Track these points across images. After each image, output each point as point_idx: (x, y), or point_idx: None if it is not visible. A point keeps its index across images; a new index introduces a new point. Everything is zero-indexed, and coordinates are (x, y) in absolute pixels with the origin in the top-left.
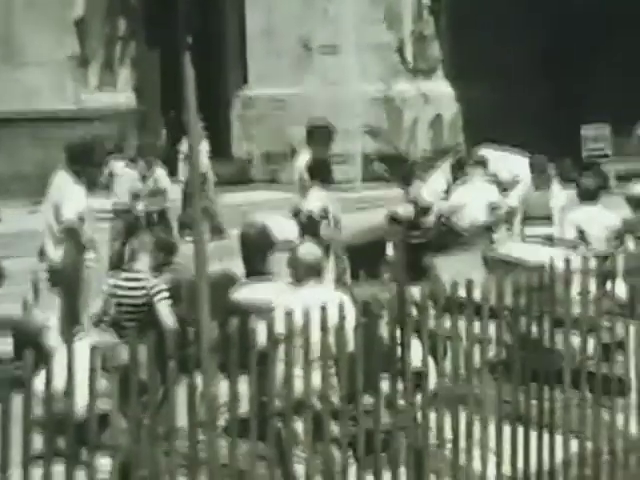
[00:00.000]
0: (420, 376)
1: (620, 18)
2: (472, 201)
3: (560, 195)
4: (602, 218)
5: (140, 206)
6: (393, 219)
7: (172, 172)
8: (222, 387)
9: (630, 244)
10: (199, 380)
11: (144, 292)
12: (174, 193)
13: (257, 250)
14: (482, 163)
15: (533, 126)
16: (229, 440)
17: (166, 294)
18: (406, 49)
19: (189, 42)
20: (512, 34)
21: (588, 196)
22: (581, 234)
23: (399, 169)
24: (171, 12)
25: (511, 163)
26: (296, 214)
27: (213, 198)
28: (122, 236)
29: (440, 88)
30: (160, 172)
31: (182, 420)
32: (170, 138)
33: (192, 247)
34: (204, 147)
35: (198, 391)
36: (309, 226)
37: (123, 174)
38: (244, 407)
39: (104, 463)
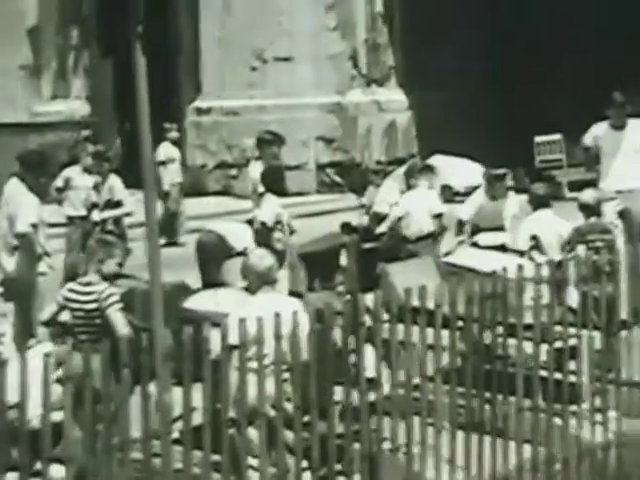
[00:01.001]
0: (374, 383)
1: (573, 28)
2: (416, 210)
3: (512, 203)
4: (555, 225)
5: (95, 215)
6: (347, 227)
7: (128, 181)
8: (176, 396)
9: (581, 251)
10: (153, 389)
11: (95, 298)
12: (130, 203)
13: (213, 258)
14: (426, 171)
15: (487, 135)
16: (183, 449)
17: (117, 300)
18: (360, 58)
19: (139, 31)
20: (465, 43)
21: (540, 204)
22: (535, 241)
23: (353, 177)
24: (124, 22)
25: (465, 171)
26: (250, 223)
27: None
28: (77, 246)
29: (394, 96)
30: (115, 181)
31: (136, 430)
32: (124, 147)
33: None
34: (176, 154)
35: (152, 400)
36: (262, 235)
37: (78, 184)
38: (198, 416)
39: (58, 473)
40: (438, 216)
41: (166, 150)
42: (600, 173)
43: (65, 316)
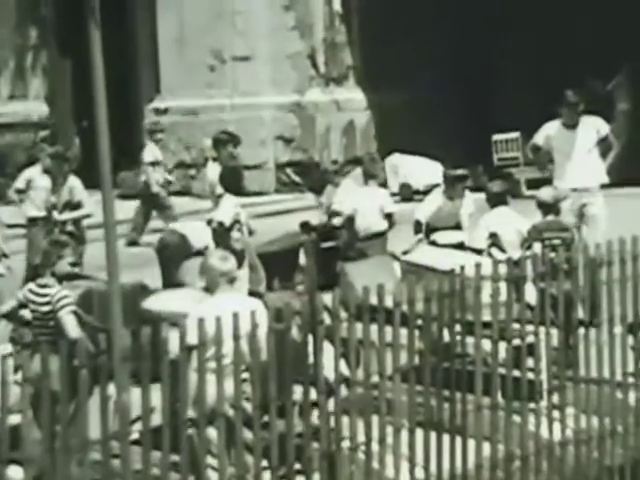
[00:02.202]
0: (333, 382)
1: (533, 25)
2: (366, 208)
3: (469, 202)
4: (514, 223)
5: (55, 216)
6: (306, 227)
7: (86, 182)
8: (134, 397)
9: (537, 248)
10: (112, 390)
11: (48, 301)
12: (89, 204)
13: (174, 258)
14: (370, 167)
15: (445, 133)
16: (142, 450)
17: (69, 303)
18: (318, 57)
19: (97, 31)
20: (423, 42)
21: (496, 201)
22: (494, 239)
23: (312, 177)
24: (82, 22)
25: (424, 170)
26: (208, 223)
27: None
28: (38, 247)
29: (352, 96)
30: (75, 182)
31: (95, 431)
32: (83, 147)
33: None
34: (160, 156)
35: (111, 401)
36: (220, 235)
37: (39, 184)
38: (157, 416)
39: (16, 475)
40: (388, 215)
41: (153, 151)
42: (554, 172)
43: (27, 314)
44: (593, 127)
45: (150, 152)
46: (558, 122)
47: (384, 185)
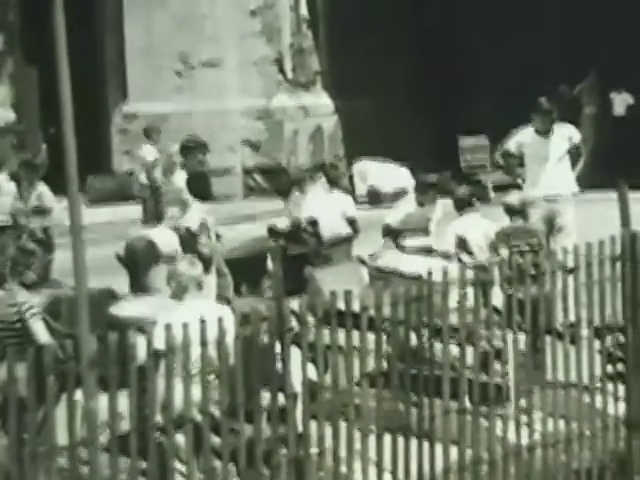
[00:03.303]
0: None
1: (498, 29)
2: (329, 214)
3: (438, 207)
4: (482, 227)
5: (23, 223)
6: (273, 232)
7: (53, 188)
8: (102, 403)
9: (504, 253)
10: (79, 396)
11: (17, 310)
12: (58, 210)
13: (143, 264)
14: (331, 174)
15: (413, 138)
16: (110, 456)
17: (37, 311)
18: (285, 62)
19: (64, 37)
20: (391, 46)
21: (463, 205)
22: (462, 243)
23: (279, 182)
24: (48, 28)
25: (391, 175)
26: (175, 229)
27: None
28: (5, 253)
29: (320, 101)
30: (43, 189)
31: (63, 437)
32: (50, 154)
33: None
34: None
35: (78, 407)
36: (188, 241)
37: (6, 191)
38: (125, 422)
39: None
40: (352, 222)
41: (151, 151)
42: (525, 179)
43: None
44: (566, 135)
45: (149, 152)
46: (531, 129)
47: (350, 191)
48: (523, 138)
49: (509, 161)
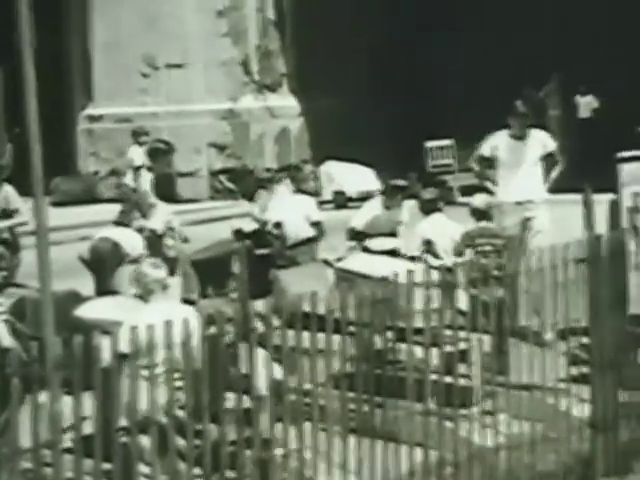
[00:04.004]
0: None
1: (465, 35)
2: (292, 216)
3: (404, 209)
4: (448, 229)
5: None
6: (239, 234)
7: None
8: (66, 405)
9: (469, 255)
10: (43, 398)
11: None
12: (25, 211)
13: (108, 265)
14: (295, 176)
15: (379, 140)
16: (74, 458)
17: (1, 312)
18: (251, 64)
19: (29, 38)
20: (357, 48)
21: (429, 208)
22: (428, 245)
23: (245, 184)
24: (14, 28)
25: (357, 177)
26: (140, 231)
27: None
28: None
29: (286, 103)
30: (9, 190)
31: (26, 439)
32: (15, 155)
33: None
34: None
35: (42, 409)
36: (153, 242)
37: None
38: (89, 424)
39: None
40: (316, 224)
41: (139, 154)
42: (498, 183)
43: None
44: (540, 142)
45: (137, 155)
46: (505, 133)
47: (316, 193)
48: (497, 142)
49: (483, 165)
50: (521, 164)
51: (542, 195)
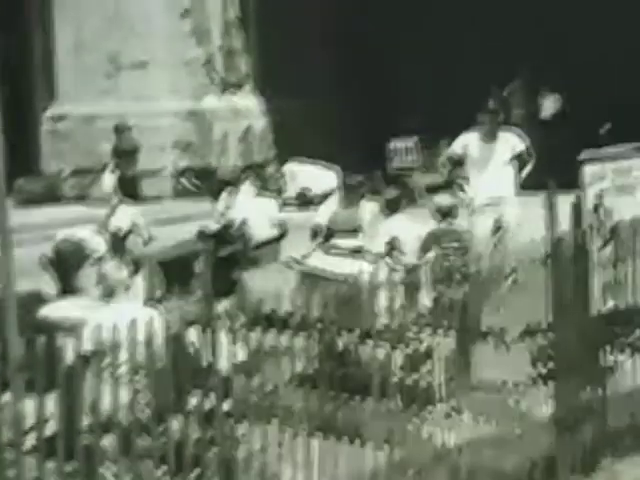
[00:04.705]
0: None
1: (428, 33)
2: (255, 216)
3: (366, 208)
4: (413, 229)
5: None
6: (203, 234)
7: None
8: (29, 405)
9: (432, 254)
10: (6, 399)
11: None
12: None
13: (71, 266)
14: (257, 175)
15: (344, 140)
16: (37, 459)
17: None
18: (215, 64)
19: None
20: (320, 48)
21: (392, 207)
22: (393, 244)
23: (209, 183)
24: None
25: (321, 177)
26: (104, 230)
27: None
28: None
29: (250, 102)
30: None
31: None
32: None
33: None
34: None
35: (5, 410)
36: (117, 242)
37: None
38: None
39: None
40: (279, 223)
41: None
42: (468, 183)
43: None
44: (509, 144)
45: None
46: (476, 133)
47: (279, 192)
48: (468, 141)
49: (453, 164)
50: (491, 164)
51: (512, 195)
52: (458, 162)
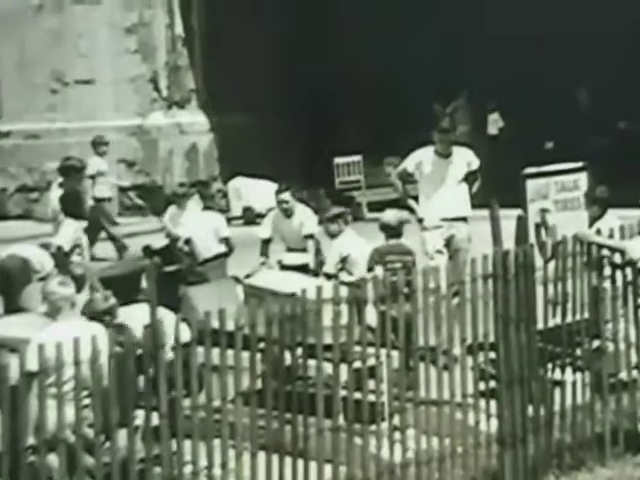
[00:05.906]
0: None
1: (374, 51)
2: (201, 232)
3: (311, 224)
4: (361, 246)
5: None
6: (148, 250)
7: None
8: None
9: (379, 271)
10: None
11: None
12: None
13: (16, 283)
14: (203, 192)
15: (289, 156)
16: None
17: None
18: (160, 81)
19: None
20: (267, 64)
21: (336, 224)
22: (345, 261)
23: (155, 200)
24: None
25: (266, 193)
26: (46, 247)
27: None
28: None
29: (195, 119)
30: None
31: None
32: None
33: None
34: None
35: None
36: (60, 259)
37: None
38: None
39: None
40: (225, 240)
41: (98, 164)
42: (420, 200)
43: None
44: (465, 160)
45: (99, 164)
46: (430, 149)
47: (225, 209)
48: (422, 158)
49: (406, 180)
50: (445, 181)
51: (467, 212)
52: (409, 179)
